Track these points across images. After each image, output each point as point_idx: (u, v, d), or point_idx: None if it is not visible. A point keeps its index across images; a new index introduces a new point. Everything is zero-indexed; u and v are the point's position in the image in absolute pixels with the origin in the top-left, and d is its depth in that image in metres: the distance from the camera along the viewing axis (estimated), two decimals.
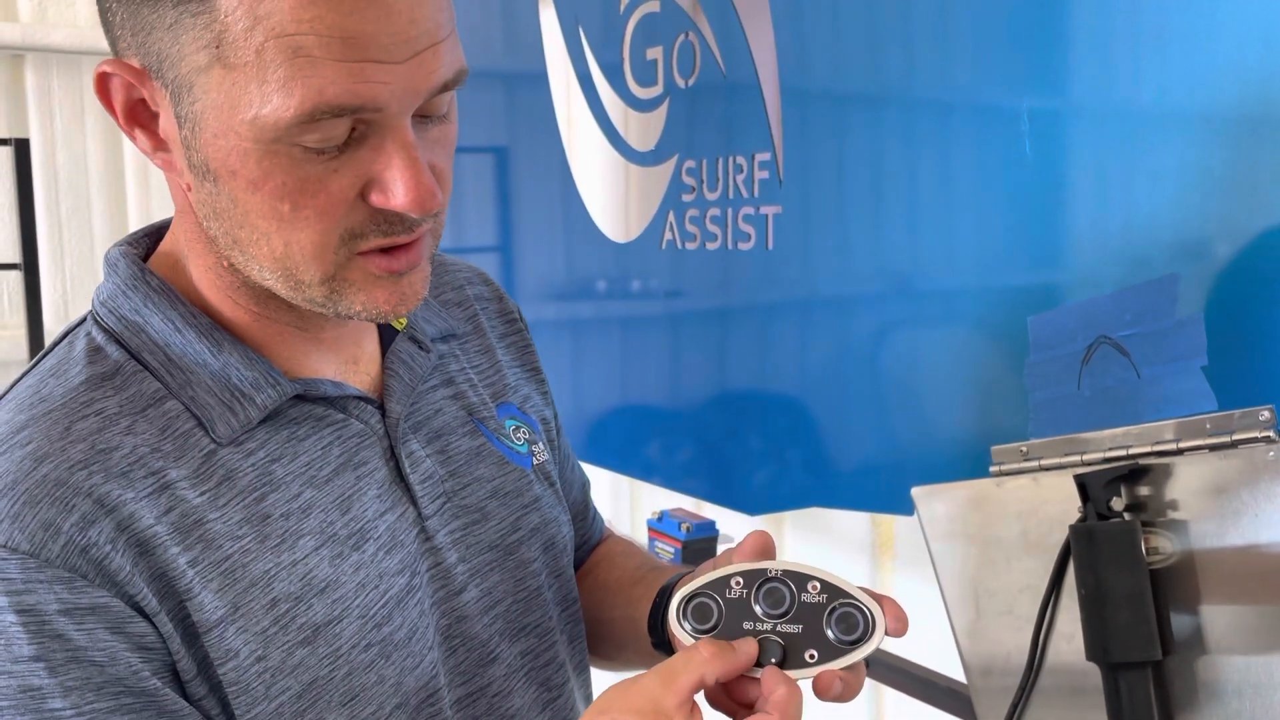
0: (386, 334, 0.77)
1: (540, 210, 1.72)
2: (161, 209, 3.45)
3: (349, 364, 0.73)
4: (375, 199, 0.60)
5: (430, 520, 0.73)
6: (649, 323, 1.52)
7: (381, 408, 0.73)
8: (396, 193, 0.59)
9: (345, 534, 0.67)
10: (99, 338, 0.66)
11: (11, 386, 0.67)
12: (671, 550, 1.43)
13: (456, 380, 0.80)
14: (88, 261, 3.35)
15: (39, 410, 0.63)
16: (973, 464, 0.95)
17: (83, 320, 0.69)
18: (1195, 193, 0.85)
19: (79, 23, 3.26)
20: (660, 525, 1.46)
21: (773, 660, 0.62)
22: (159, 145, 0.63)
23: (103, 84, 0.62)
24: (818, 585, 0.62)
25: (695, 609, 0.63)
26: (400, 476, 0.72)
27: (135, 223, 3.41)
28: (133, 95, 0.62)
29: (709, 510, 1.55)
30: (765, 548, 0.68)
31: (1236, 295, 0.83)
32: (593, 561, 0.97)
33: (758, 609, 0.62)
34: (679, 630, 0.64)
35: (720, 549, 1.51)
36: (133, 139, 0.63)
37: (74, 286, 3.34)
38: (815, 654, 0.62)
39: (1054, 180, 0.96)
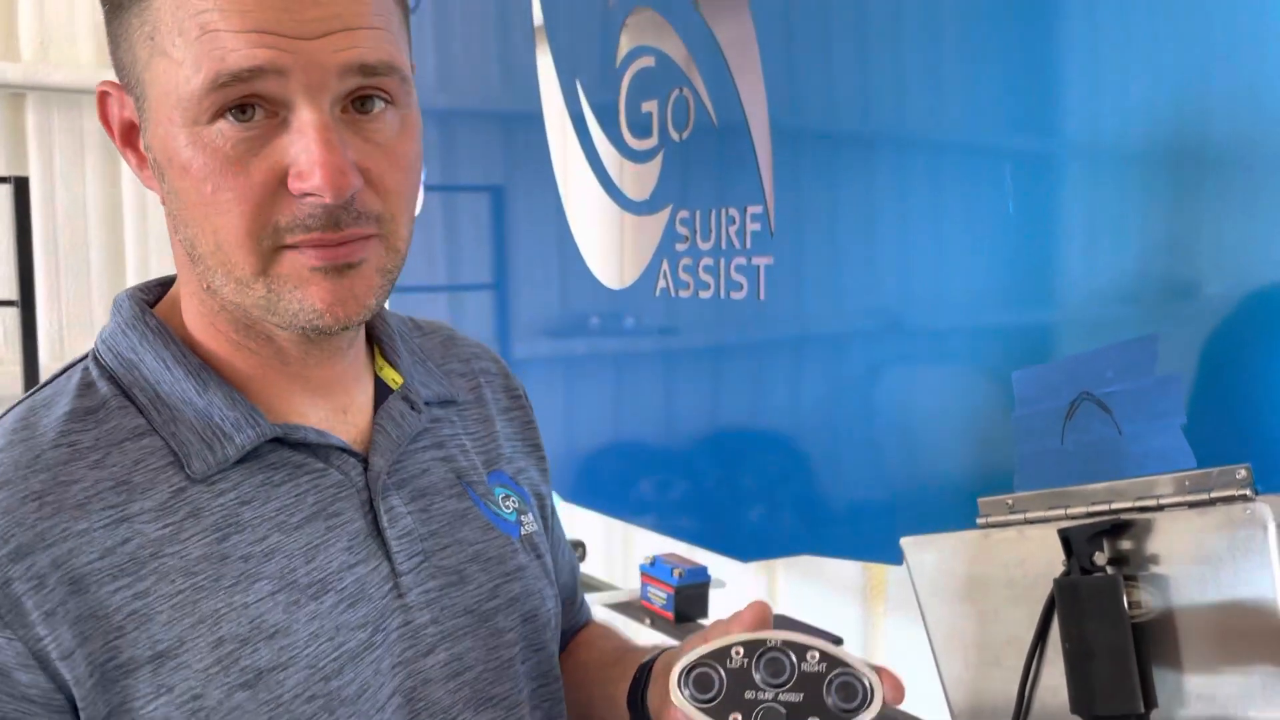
0: (381, 392, 0.76)
1: (535, 252, 1.75)
2: (158, 249, 3.47)
3: (337, 413, 0.72)
4: (291, 181, 0.60)
5: (404, 577, 0.71)
6: (642, 369, 1.54)
7: (365, 462, 0.72)
8: (304, 168, 0.59)
9: (305, 582, 0.66)
10: (94, 373, 0.68)
11: (6, 413, 0.68)
12: (664, 595, 1.44)
13: (448, 444, 0.79)
14: (84, 299, 3.36)
15: (18, 437, 0.64)
16: (965, 512, 0.97)
17: (84, 357, 0.70)
18: (1186, 239, 0.87)
19: (80, 62, 3.30)
20: (653, 570, 1.47)
21: None
22: (142, 162, 0.65)
23: (103, 105, 0.65)
24: (817, 655, 0.64)
25: (697, 679, 0.64)
26: (377, 531, 0.71)
27: (132, 262, 3.43)
28: (124, 114, 0.65)
29: (701, 555, 1.56)
30: (763, 618, 0.69)
31: (1217, 354, 0.85)
32: (574, 645, 0.96)
33: (758, 678, 0.63)
34: (679, 700, 0.64)
35: (712, 594, 1.52)
36: (125, 158, 0.65)
37: (70, 324, 3.35)
38: None
39: (1040, 225, 0.99)
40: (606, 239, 1.57)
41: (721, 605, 1.58)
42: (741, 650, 0.64)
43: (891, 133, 1.14)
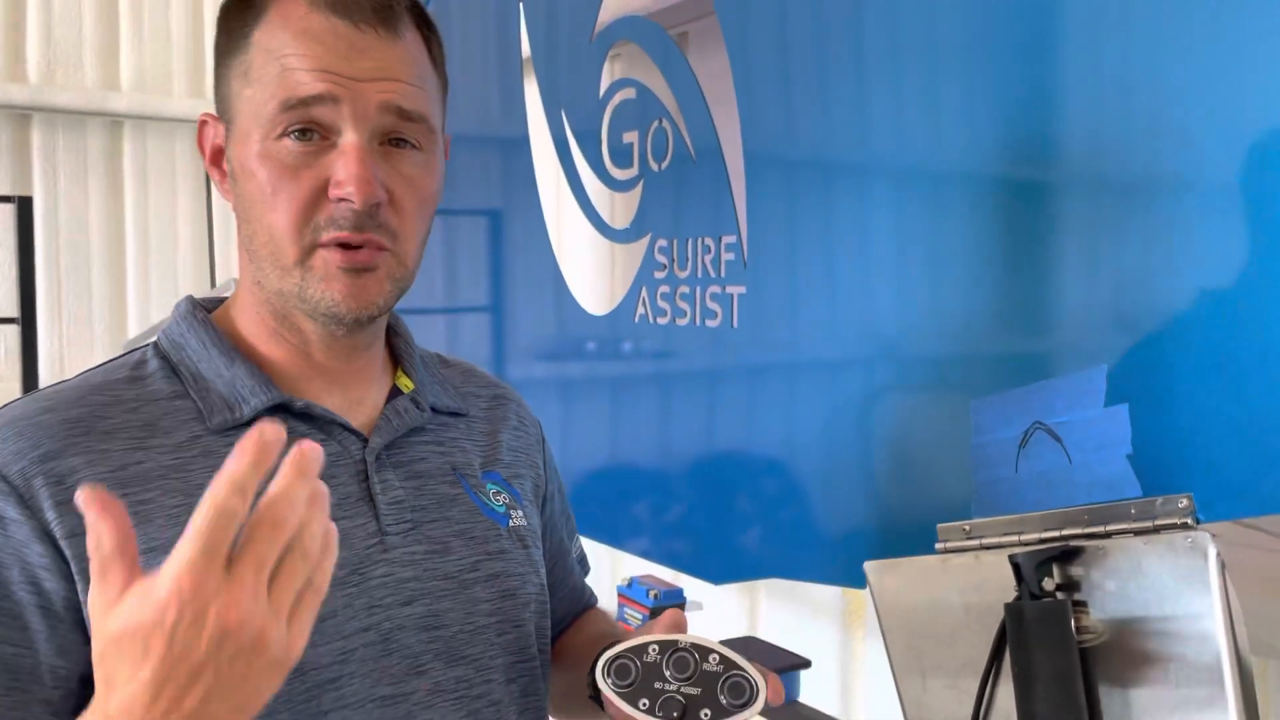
0: (395, 397, 0.89)
1: (523, 277, 1.78)
2: (158, 270, 3.50)
3: (352, 403, 0.85)
4: (330, 189, 0.76)
5: (390, 537, 0.82)
6: (620, 394, 1.57)
7: (365, 442, 0.84)
8: (340, 179, 0.76)
9: None
10: (150, 354, 0.84)
11: (79, 374, 0.84)
12: (640, 616, 1.47)
13: (448, 444, 0.91)
14: (84, 318, 3.40)
15: (74, 384, 0.80)
16: (933, 537, 0.99)
17: (146, 344, 0.87)
18: (1139, 270, 0.90)
19: (86, 85, 3.35)
20: (629, 591, 1.49)
21: (675, 715, 0.75)
22: (223, 178, 0.82)
23: (200, 132, 0.83)
24: (717, 657, 0.76)
25: (617, 668, 0.76)
26: (369, 497, 0.82)
27: (133, 282, 3.46)
28: (215, 141, 0.82)
29: (677, 578, 1.58)
30: (679, 624, 0.81)
31: (1161, 386, 0.88)
32: (573, 627, 1.07)
33: (667, 673, 0.76)
34: (603, 685, 0.76)
35: (691, 616, 1.54)
36: (211, 176, 0.83)
37: (69, 342, 3.39)
38: (709, 713, 0.75)
39: (1004, 254, 1.02)
40: (589, 265, 1.60)
41: (700, 627, 1.60)
42: (657, 648, 0.76)
43: (862, 166, 1.18)
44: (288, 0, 0.78)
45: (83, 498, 0.57)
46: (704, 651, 0.76)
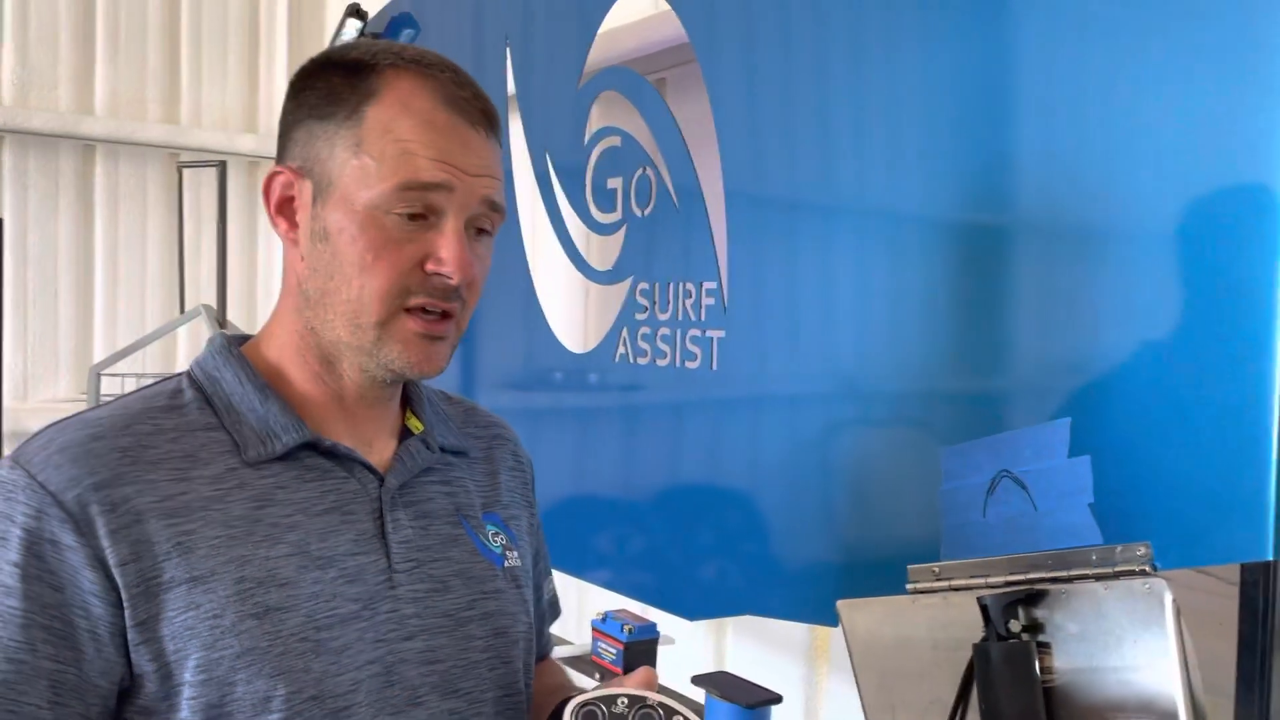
0: (405, 437, 0.94)
1: (503, 312, 1.81)
2: (126, 296, 3.48)
3: (368, 442, 0.91)
4: (429, 265, 0.84)
5: (399, 574, 0.88)
6: (600, 432, 1.60)
7: (381, 481, 0.90)
8: (445, 259, 0.83)
9: (316, 555, 0.84)
10: (185, 384, 0.88)
11: (115, 400, 0.88)
12: (614, 651, 1.49)
13: (453, 484, 0.96)
14: (50, 342, 3.37)
15: (118, 411, 0.85)
16: (904, 577, 1.03)
17: (180, 374, 0.91)
18: (1103, 320, 0.95)
19: (60, 108, 3.34)
20: (604, 626, 1.52)
21: None
22: (291, 228, 0.88)
23: (269, 182, 0.88)
24: (681, 719, 0.80)
25: (585, 714, 0.79)
26: (382, 534, 0.88)
27: (101, 307, 3.44)
28: (286, 192, 0.87)
29: (651, 613, 1.61)
30: (650, 682, 0.86)
31: (1123, 440, 0.93)
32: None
33: None
34: None
35: (662, 651, 1.57)
36: (275, 224, 0.88)
37: (34, 365, 3.36)
38: None
39: (980, 300, 1.06)
40: (570, 304, 1.63)
41: (671, 662, 1.63)
42: (626, 701, 0.80)
43: (845, 212, 1.23)
44: (406, 89, 0.84)
45: None
46: (669, 711, 0.79)
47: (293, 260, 0.89)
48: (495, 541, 0.96)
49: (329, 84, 0.86)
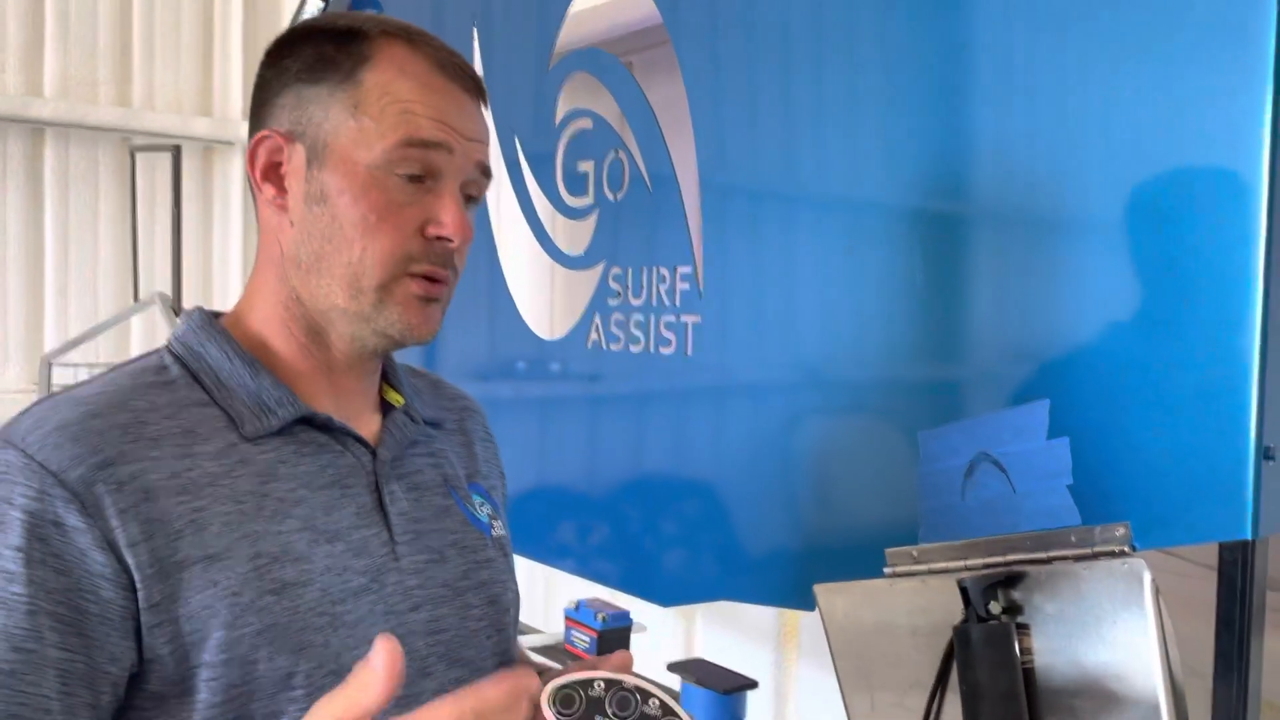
0: (385, 409, 0.95)
1: (468, 297, 1.79)
2: (78, 282, 3.41)
3: (355, 415, 0.91)
4: (430, 229, 0.84)
5: (400, 546, 0.88)
6: (573, 418, 1.58)
7: (374, 453, 0.89)
8: (446, 221, 0.84)
9: (323, 528, 0.83)
10: (167, 359, 0.86)
11: (93, 379, 0.85)
12: (588, 639, 1.48)
13: (438, 455, 0.97)
14: None
15: (109, 389, 0.82)
16: (879, 561, 1.03)
17: (157, 350, 0.89)
18: (1081, 303, 0.95)
19: (7, 90, 3.25)
20: (577, 615, 1.51)
21: None
22: (280, 194, 0.86)
23: (255, 146, 0.86)
24: (657, 702, 0.80)
25: (563, 698, 0.78)
26: (380, 507, 0.88)
27: (51, 295, 3.36)
28: (274, 157, 0.86)
29: (624, 600, 1.60)
30: (626, 664, 0.84)
31: (1101, 421, 0.93)
32: None
33: (609, 709, 0.78)
34: (547, 710, 0.78)
35: (634, 638, 1.56)
36: (258, 189, 0.86)
37: None
38: None
39: (948, 287, 1.07)
40: (540, 290, 1.62)
41: (644, 649, 1.62)
42: (603, 684, 0.79)
43: (817, 198, 1.22)
44: (400, 54, 0.84)
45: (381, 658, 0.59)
46: (645, 695, 0.79)
47: (277, 227, 0.87)
48: (482, 511, 0.97)
49: (318, 50, 0.85)
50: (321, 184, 0.84)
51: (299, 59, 0.86)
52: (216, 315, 0.91)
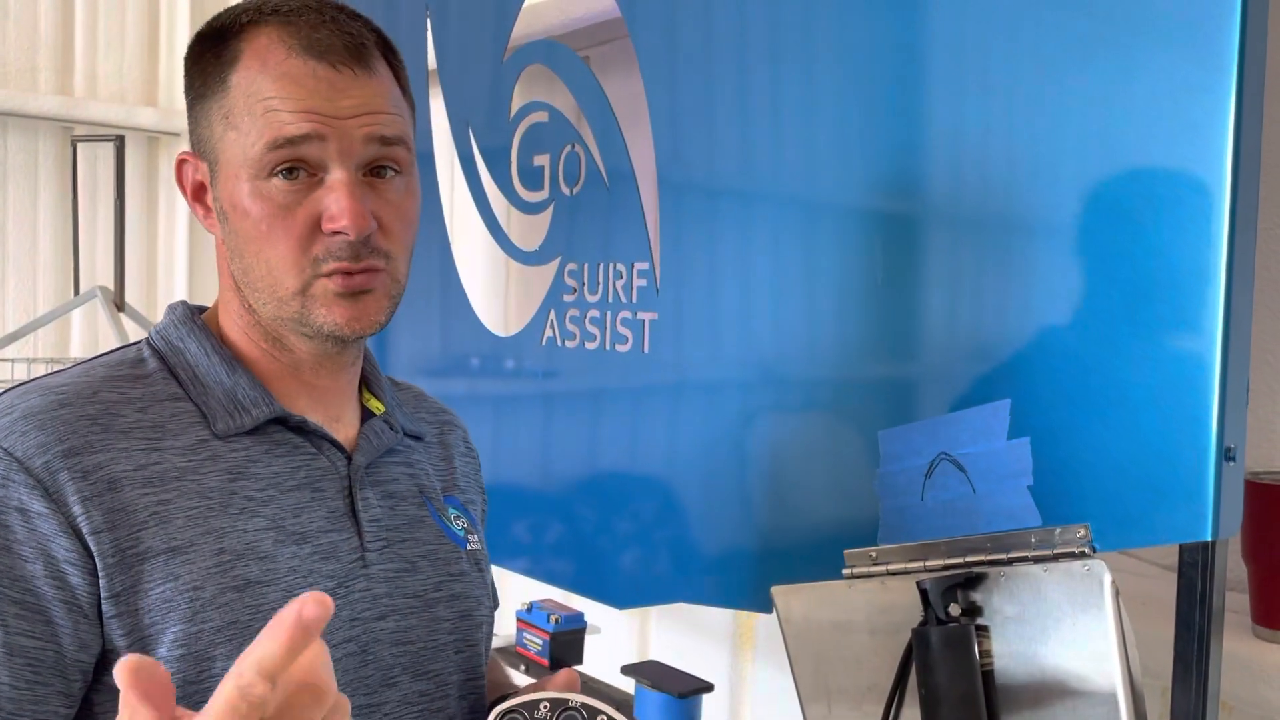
0: (365, 416, 0.93)
1: (420, 293, 1.75)
2: (16, 275, 3.31)
3: (333, 420, 0.89)
4: (325, 224, 0.80)
5: (370, 553, 0.86)
6: (527, 416, 1.56)
7: (349, 458, 0.88)
8: (335, 214, 0.79)
9: (291, 530, 0.82)
10: (146, 352, 0.86)
11: (69, 366, 0.86)
12: (540, 641, 1.45)
13: (415, 466, 0.96)
14: None
15: (81, 379, 0.82)
16: (836, 563, 1.02)
17: (138, 341, 0.89)
18: (1042, 302, 0.95)
19: None
20: (529, 616, 1.48)
21: None
22: (207, 213, 0.86)
23: (179, 169, 0.87)
24: (605, 718, 0.79)
25: None
26: (352, 512, 0.86)
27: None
28: (196, 176, 0.85)
29: (577, 602, 1.58)
30: (572, 683, 0.85)
31: (1062, 422, 0.92)
32: None
33: None
34: None
35: (588, 640, 1.54)
36: (194, 210, 0.86)
37: None
38: None
39: (906, 286, 1.06)
40: (494, 286, 1.59)
41: (598, 651, 1.60)
42: (548, 705, 0.79)
43: (775, 196, 1.21)
44: (263, 45, 0.80)
45: (124, 674, 0.51)
46: (593, 712, 0.79)
47: (218, 244, 0.87)
48: (457, 524, 0.96)
49: (200, 60, 0.84)
50: (221, 202, 0.84)
51: (191, 74, 0.85)
52: (200, 310, 0.91)
